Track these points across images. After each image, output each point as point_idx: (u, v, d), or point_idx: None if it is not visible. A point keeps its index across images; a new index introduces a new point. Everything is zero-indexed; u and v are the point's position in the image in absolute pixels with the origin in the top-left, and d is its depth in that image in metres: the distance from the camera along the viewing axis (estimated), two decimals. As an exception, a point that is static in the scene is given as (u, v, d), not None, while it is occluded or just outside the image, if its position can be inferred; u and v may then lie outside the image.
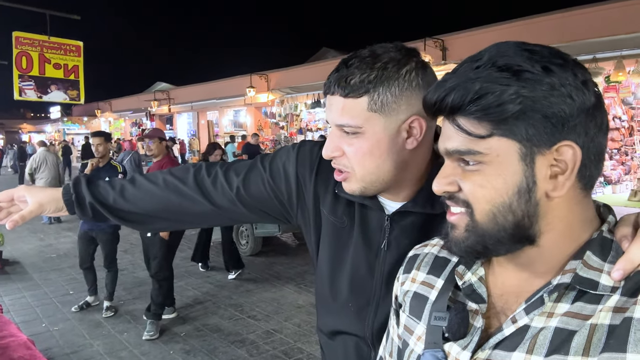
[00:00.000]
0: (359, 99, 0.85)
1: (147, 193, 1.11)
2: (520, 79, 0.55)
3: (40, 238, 8.22)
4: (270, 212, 1.11)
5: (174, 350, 3.85)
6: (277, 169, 1.08)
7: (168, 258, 4.33)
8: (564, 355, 0.55)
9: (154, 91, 23.29)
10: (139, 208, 1.12)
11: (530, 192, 0.58)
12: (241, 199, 1.08)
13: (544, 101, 0.55)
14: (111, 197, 1.11)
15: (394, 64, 0.85)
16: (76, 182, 1.12)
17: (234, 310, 4.68)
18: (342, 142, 0.89)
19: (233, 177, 1.09)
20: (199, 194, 1.09)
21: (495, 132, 0.57)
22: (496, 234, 0.60)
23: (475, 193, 0.60)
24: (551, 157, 0.57)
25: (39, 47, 8.77)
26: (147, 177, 1.14)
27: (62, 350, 3.87)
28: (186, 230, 4.70)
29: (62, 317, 4.57)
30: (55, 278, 5.84)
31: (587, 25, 8.32)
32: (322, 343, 1.15)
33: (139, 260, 6.17)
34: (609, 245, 0.60)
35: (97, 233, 4.63)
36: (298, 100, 13.59)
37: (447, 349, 0.66)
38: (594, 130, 0.57)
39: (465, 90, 0.57)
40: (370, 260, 0.98)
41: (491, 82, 0.55)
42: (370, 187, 0.91)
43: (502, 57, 0.57)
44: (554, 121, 0.55)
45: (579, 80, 0.56)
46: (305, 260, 6.40)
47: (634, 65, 7.47)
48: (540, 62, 0.56)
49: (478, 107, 0.56)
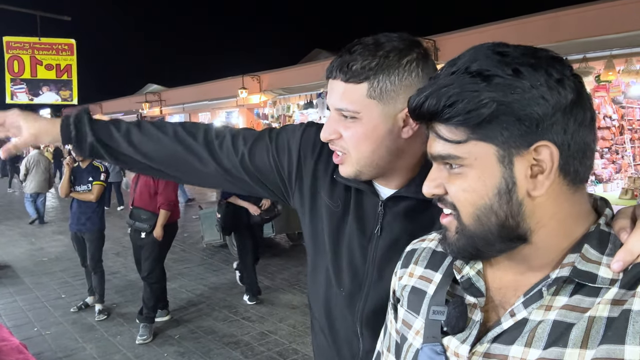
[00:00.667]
0: (359, 85, 0.87)
1: (155, 140, 1.11)
2: (490, 84, 0.56)
3: (31, 242, 8.14)
4: (270, 185, 1.12)
5: (168, 352, 3.82)
6: (282, 143, 1.10)
7: (159, 260, 4.30)
8: (562, 347, 0.55)
9: (145, 93, 23.20)
10: (143, 153, 1.11)
11: (510, 192, 0.59)
12: (244, 165, 1.10)
13: (515, 104, 0.56)
14: (115, 138, 1.10)
15: (396, 53, 0.87)
16: (78, 119, 1.10)
17: (228, 312, 4.66)
18: (340, 126, 0.91)
19: (240, 144, 1.10)
20: (207, 152, 1.10)
21: (471, 137, 0.58)
22: (484, 235, 0.61)
23: (459, 197, 0.61)
24: (530, 158, 0.57)
25: (30, 50, 8.69)
26: (156, 125, 1.14)
27: (54, 354, 3.83)
28: (177, 233, 4.67)
29: (54, 321, 4.53)
30: (47, 282, 5.79)
31: (578, 25, 8.39)
32: (313, 344, 1.16)
33: (131, 263, 6.12)
34: (606, 238, 0.60)
35: (84, 233, 4.62)
36: (290, 101, 13.59)
37: (446, 342, 0.66)
38: (574, 127, 0.57)
39: (439, 98, 0.58)
40: (363, 245, 1.00)
41: (462, 88, 0.57)
42: (365, 171, 0.93)
43: (474, 61, 0.58)
44: (527, 123, 0.56)
45: (553, 80, 0.57)
46: (299, 262, 6.39)
47: (623, 65, 7.55)
48: (511, 64, 0.57)
49: (451, 114, 0.58)
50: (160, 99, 21.91)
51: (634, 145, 9.41)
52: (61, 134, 1.09)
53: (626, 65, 7.58)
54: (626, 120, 8.98)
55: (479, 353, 0.62)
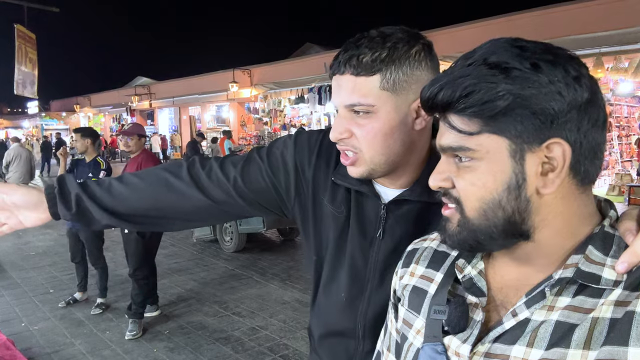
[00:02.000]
0: (371, 77, 0.85)
1: (136, 190, 1.05)
2: (508, 77, 0.55)
3: (18, 235, 8.04)
4: (267, 205, 1.08)
5: (158, 348, 3.80)
6: (275, 159, 1.06)
7: (146, 257, 4.24)
8: (565, 348, 0.55)
9: (135, 86, 22.96)
10: (126, 206, 1.04)
11: (519, 188, 0.58)
12: (238, 190, 1.04)
13: (532, 98, 0.55)
14: (98, 199, 1.02)
15: (404, 44, 0.86)
16: (61, 183, 1.02)
17: (218, 307, 4.64)
18: (352, 124, 0.88)
19: (230, 169, 1.05)
20: (194, 187, 1.04)
21: (484, 129, 0.57)
22: (487, 229, 0.60)
23: (466, 191, 0.61)
24: (542, 154, 0.57)
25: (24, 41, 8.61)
26: (137, 174, 1.08)
27: (42, 350, 3.79)
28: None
29: (42, 316, 4.48)
30: (35, 276, 5.72)
31: (567, 22, 8.45)
32: (311, 347, 1.15)
33: (120, 258, 6.08)
34: (610, 239, 0.60)
35: (79, 230, 4.58)
36: (282, 95, 13.55)
37: (447, 342, 0.65)
38: (587, 126, 0.57)
39: (455, 88, 0.57)
40: (365, 249, 0.98)
41: (480, 79, 0.56)
42: (378, 169, 0.91)
43: (492, 54, 0.57)
44: (542, 118, 0.55)
45: (570, 77, 0.56)
46: (290, 257, 6.39)
47: (612, 62, 7.62)
48: (530, 59, 0.56)
49: (466, 104, 0.57)
50: (149, 92, 21.71)
51: (621, 142, 9.53)
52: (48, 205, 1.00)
53: (615, 63, 7.66)
54: (614, 117, 9.08)
55: (480, 353, 0.61)
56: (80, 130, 4.71)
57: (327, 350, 1.07)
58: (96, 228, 1.08)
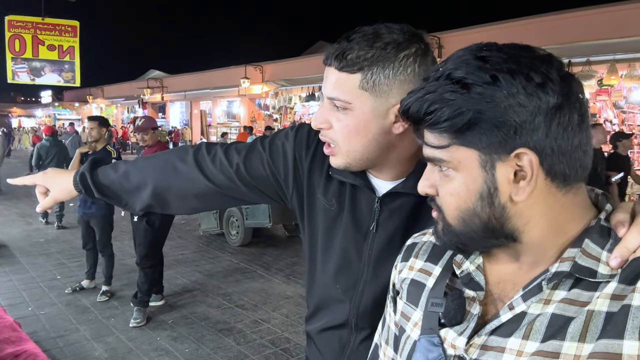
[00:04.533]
0: (352, 75, 0.85)
1: (146, 173, 1.13)
2: (469, 92, 0.57)
3: (28, 222, 8.14)
4: (267, 192, 1.11)
5: (161, 337, 3.84)
6: (276, 149, 1.09)
7: (154, 246, 4.30)
8: (560, 340, 0.56)
9: (147, 79, 23.08)
10: (138, 191, 1.14)
11: (492, 196, 0.60)
12: (240, 176, 1.08)
13: (489, 112, 0.56)
14: (116, 183, 1.16)
15: (394, 46, 0.84)
16: (82, 177, 1.16)
17: (222, 299, 4.67)
18: (331, 116, 0.90)
19: (234, 156, 1.09)
20: (198, 172, 1.10)
21: (453, 141, 0.59)
22: (468, 234, 0.63)
23: (445, 200, 0.63)
24: (513, 163, 0.58)
25: (32, 29, 8.63)
26: (147, 158, 1.17)
27: (48, 334, 3.84)
28: (175, 219, 4.68)
29: (48, 302, 4.54)
30: (43, 262, 5.80)
31: (582, 28, 8.37)
32: (307, 337, 1.17)
33: (127, 247, 6.14)
34: (607, 233, 0.60)
35: (90, 217, 4.66)
36: (292, 92, 13.56)
37: (443, 334, 0.66)
38: (558, 130, 0.57)
39: (421, 104, 0.60)
40: (358, 242, 0.99)
41: (442, 96, 0.58)
42: (355, 163, 0.92)
43: (456, 68, 0.59)
44: (505, 130, 0.56)
45: (533, 85, 0.56)
46: (294, 252, 6.41)
47: (626, 69, 7.54)
48: (490, 71, 0.56)
49: (432, 121, 0.59)
50: (162, 85, 21.81)
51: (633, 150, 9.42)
52: (76, 190, 1.18)
53: (629, 70, 7.57)
54: (626, 125, 8.98)
55: (476, 345, 0.62)
56: (97, 118, 4.81)
57: (322, 340, 1.09)
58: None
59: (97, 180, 1.15)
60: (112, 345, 3.68)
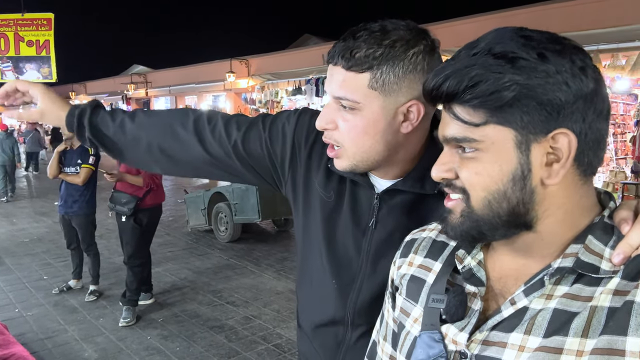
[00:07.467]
0: (361, 74, 0.83)
1: (145, 130, 1.12)
2: (515, 67, 0.55)
3: (12, 222, 8.01)
4: (262, 173, 1.10)
5: (152, 335, 3.81)
6: (276, 130, 1.07)
7: (141, 245, 4.26)
8: (563, 336, 0.55)
9: (131, 74, 22.76)
10: (134, 149, 1.13)
11: (525, 179, 0.58)
12: (237, 152, 1.07)
13: (538, 89, 0.54)
14: (110, 131, 1.13)
15: (403, 44, 0.83)
16: (82, 111, 1.12)
17: (212, 296, 4.65)
18: (337, 116, 0.88)
19: (233, 130, 1.08)
20: (196, 140, 1.08)
21: (490, 119, 0.57)
22: (490, 219, 0.60)
23: (471, 180, 0.60)
24: (547, 145, 0.57)
25: (14, 27, 8.43)
26: (148, 114, 1.15)
27: (36, 336, 3.79)
28: (162, 216, 4.63)
29: (36, 303, 4.48)
30: (29, 263, 5.71)
31: (564, 19, 8.43)
32: (298, 333, 1.15)
33: (114, 246, 6.07)
34: (610, 230, 0.60)
35: (71, 217, 4.58)
36: (279, 86, 13.48)
37: (445, 330, 0.66)
38: (593, 117, 0.57)
39: (461, 78, 0.57)
40: (357, 238, 0.98)
41: (486, 69, 0.55)
42: (361, 165, 0.90)
43: (498, 44, 0.57)
44: (549, 109, 0.55)
45: (577, 67, 0.56)
46: (284, 247, 6.40)
47: (609, 60, 7.62)
48: (536, 48, 0.55)
49: (472, 95, 0.56)
50: (146, 80, 21.54)
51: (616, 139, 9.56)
52: (66, 122, 1.13)
53: (612, 60, 7.65)
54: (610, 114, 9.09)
55: (477, 340, 0.62)
56: None
57: (316, 337, 1.08)
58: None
59: (94, 121, 1.12)
60: (101, 346, 3.64)
